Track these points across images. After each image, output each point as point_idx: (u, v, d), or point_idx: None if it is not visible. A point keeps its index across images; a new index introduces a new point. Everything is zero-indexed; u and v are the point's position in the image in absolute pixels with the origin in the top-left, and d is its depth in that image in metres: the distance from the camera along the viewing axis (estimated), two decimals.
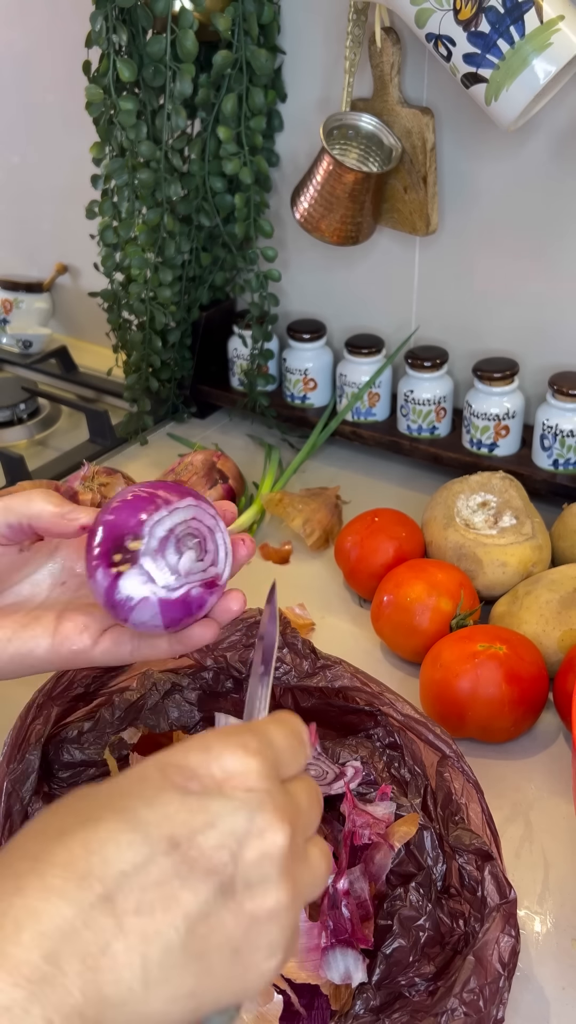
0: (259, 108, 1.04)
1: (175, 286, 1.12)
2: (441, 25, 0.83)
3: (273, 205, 1.15)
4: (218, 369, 1.22)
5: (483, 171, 1.00)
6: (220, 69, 1.01)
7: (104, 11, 0.95)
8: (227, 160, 1.05)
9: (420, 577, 0.85)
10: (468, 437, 1.05)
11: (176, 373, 1.20)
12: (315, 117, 1.06)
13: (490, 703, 0.74)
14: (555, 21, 0.79)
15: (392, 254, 1.10)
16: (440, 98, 0.98)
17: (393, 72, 0.97)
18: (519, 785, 0.75)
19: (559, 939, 0.64)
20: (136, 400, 1.18)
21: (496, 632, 0.79)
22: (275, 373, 1.20)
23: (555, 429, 0.99)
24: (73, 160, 1.25)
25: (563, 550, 0.92)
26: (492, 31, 0.80)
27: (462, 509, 0.92)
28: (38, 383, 1.34)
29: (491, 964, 0.53)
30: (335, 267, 1.15)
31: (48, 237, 1.43)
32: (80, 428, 1.24)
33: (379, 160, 1.01)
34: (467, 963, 0.53)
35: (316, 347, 1.14)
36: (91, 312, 1.31)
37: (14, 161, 1.40)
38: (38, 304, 1.43)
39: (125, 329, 1.16)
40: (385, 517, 0.93)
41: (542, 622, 0.81)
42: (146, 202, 1.05)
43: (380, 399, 1.11)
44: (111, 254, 1.09)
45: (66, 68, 1.20)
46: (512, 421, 1.02)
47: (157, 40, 0.96)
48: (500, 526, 0.90)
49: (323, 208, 1.00)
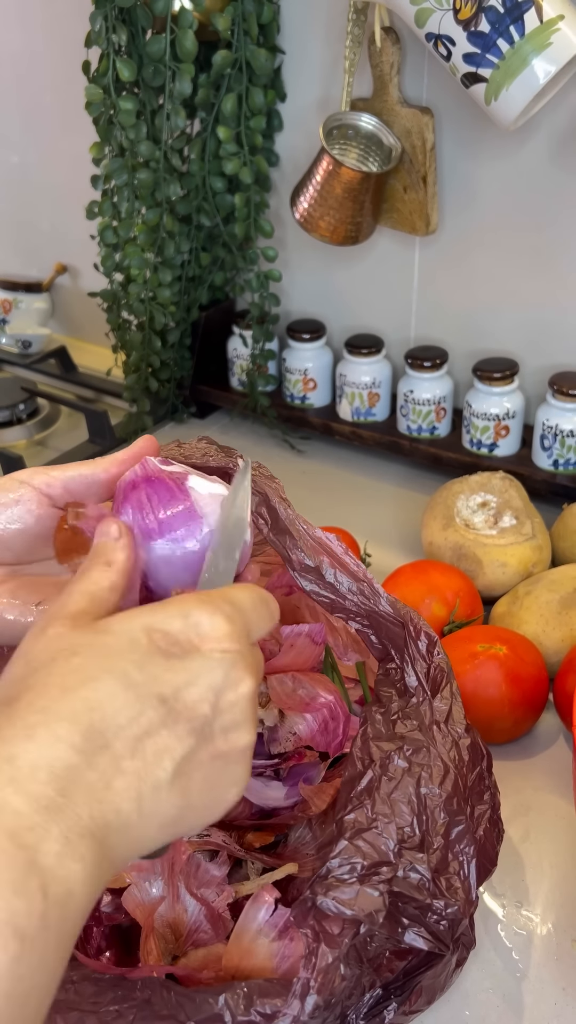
0: (259, 108, 1.04)
1: (175, 286, 1.12)
2: (441, 25, 0.83)
3: (273, 205, 1.15)
4: (218, 369, 1.22)
5: (483, 171, 0.99)
6: (220, 69, 1.01)
7: (104, 11, 0.95)
8: (227, 160, 1.05)
9: (419, 579, 0.84)
10: (468, 437, 1.05)
11: (176, 373, 1.20)
12: (315, 117, 1.06)
13: (490, 704, 0.74)
14: (555, 21, 0.79)
15: (392, 254, 1.10)
16: (440, 98, 0.98)
17: (393, 72, 0.97)
18: (519, 785, 0.75)
19: (559, 939, 0.64)
20: (136, 400, 1.18)
21: (496, 632, 0.79)
22: (275, 373, 1.20)
23: (555, 429, 0.99)
24: (72, 160, 1.25)
25: (563, 550, 0.92)
26: (492, 31, 0.80)
27: (462, 509, 0.92)
28: (37, 383, 1.34)
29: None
30: (335, 267, 1.15)
31: (47, 237, 1.43)
32: (79, 428, 1.24)
33: (379, 160, 1.01)
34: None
35: (316, 347, 1.14)
36: (90, 312, 1.31)
37: (13, 161, 1.39)
38: (37, 304, 1.43)
39: (125, 329, 1.16)
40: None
41: (542, 622, 0.81)
42: (146, 202, 1.05)
43: (380, 399, 1.11)
44: (111, 254, 1.09)
45: (65, 68, 1.20)
46: (512, 421, 1.02)
47: (157, 40, 0.96)
48: (500, 526, 0.90)
49: (323, 208, 1.00)
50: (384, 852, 0.51)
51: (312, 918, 0.49)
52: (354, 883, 0.49)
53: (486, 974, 0.62)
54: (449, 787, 0.54)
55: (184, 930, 0.58)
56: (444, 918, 0.52)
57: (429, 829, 0.52)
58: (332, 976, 0.49)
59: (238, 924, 0.55)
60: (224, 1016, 0.48)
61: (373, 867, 0.50)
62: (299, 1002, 0.48)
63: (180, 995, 0.49)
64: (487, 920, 0.65)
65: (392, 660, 0.59)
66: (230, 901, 0.58)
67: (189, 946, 0.57)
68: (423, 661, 0.58)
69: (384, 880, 0.50)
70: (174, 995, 0.49)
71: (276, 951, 0.53)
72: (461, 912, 0.52)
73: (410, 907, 0.51)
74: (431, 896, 0.51)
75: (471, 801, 0.56)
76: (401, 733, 0.55)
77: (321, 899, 0.49)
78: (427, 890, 0.51)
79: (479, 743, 0.58)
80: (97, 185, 1.07)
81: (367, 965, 0.52)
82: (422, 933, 0.52)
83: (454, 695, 0.58)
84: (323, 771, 0.65)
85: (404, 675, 0.58)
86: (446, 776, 0.54)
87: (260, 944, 0.54)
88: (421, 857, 0.51)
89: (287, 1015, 0.48)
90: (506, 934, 0.64)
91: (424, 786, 0.53)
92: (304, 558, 0.58)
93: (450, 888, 0.52)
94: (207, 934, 0.57)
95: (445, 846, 0.53)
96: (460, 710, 0.57)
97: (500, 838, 0.58)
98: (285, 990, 0.48)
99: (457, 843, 0.53)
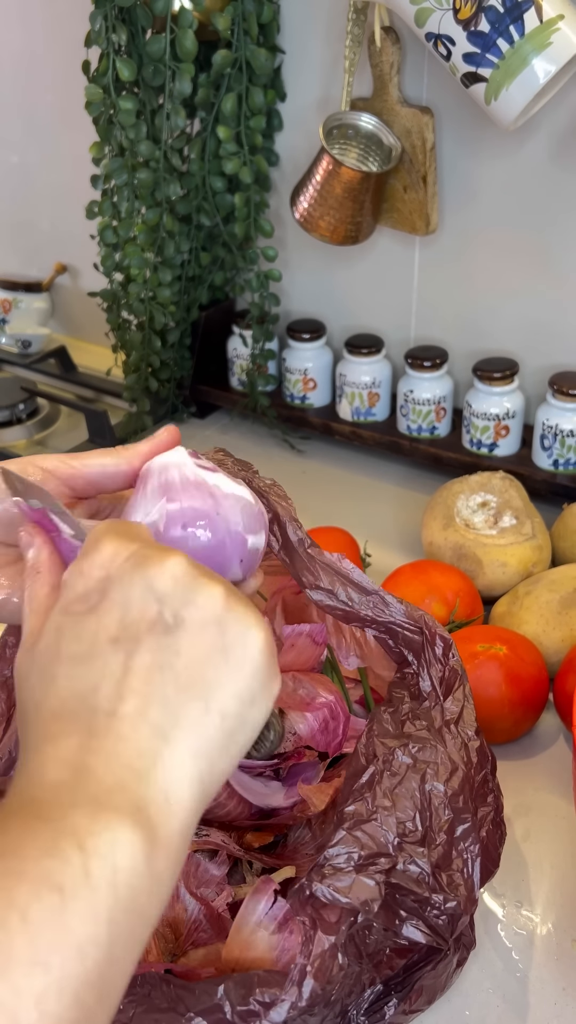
0: (259, 107, 1.04)
1: (174, 286, 1.12)
2: (441, 24, 0.83)
3: (273, 205, 1.15)
4: (218, 369, 1.22)
5: (483, 171, 0.99)
6: (220, 69, 1.01)
7: (103, 11, 0.95)
8: (227, 160, 1.05)
9: (419, 579, 0.84)
10: (468, 437, 1.05)
11: (176, 373, 1.20)
12: (315, 117, 1.06)
13: (490, 704, 0.74)
14: (555, 20, 0.79)
15: (392, 254, 1.10)
16: (440, 98, 0.98)
17: (393, 72, 0.97)
18: (519, 786, 0.74)
19: (559, 939, 0.64)
20: (135, 400, 1.18)
21: (496, 632, 0.79)
22: (275, 373, 1.20)
23: (555, 429, 0.99)
24: (72, 160, 1.25)
25: (563, 550, 0.92)
26: (492, 30, 0.80)
27: (462, 509, 0.92)
28: (37, 383, 1.34)
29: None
30: (335, 267, 1.15)
31: (47, 237, 1.43)
32: (79, 428, 1.24)
33: (379, 160, 1.01)
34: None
35: (316, 347, 1.14)
36: (90, 312, 1.31)
37: (13, 161, 1.39)
38: (37, 304, 1.43)
39: (124, 329, 1.16)
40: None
41: (542, 622, 0.81)
42: (146, 202, 1.05)
43: (380, 399, 1.11)
44: (111, 254, 1.09)
45: (65, 68, 1.20)
46: (512, 421, 1.02)
47: (156, 40, 0.96)
48: (500, 526, 0.90)
49: (323, 208, 1.00)
50: (383, 844, 0.51)
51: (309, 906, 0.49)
52: (350, 872, 0.49)
53: (486, 974, 0.62)
54: (456, 785, 0.54)
55: (184, 929, 0.58)
56: (443, 913, 0.52)
57: (432, 825, 0.52)
58: (329, 963, 0.49)
59: (238, 916, 0.55)
60: (223, 1006, 0.48)
61: (371, 858, 0.50)
62: (296, 988, 0.48)
63: (179, 987, 0.49)
64: (487, 920, 0.65)
65: (409, 665, 0.59)
66: (229, 901, 0.58)
67: (189, 946, 0.57)
68: (439, 664, 0.58)
69: (381, 871, 0.50)
70: (173, 988, 0.49)
71: (276, 943, 0.53)
72: (461, 909, 0.52)
73: (408, 900, 0.51)
74: (430, 890, 0.51)
75: (476, 802, 0.56)
76: (409, 732, 0.55)
77: (317, 886, 0.49)
78: (427, 884, 0.51)
79: (486, 746, 0.58)
80: (97, 185, 1.07)
81: (367, 961, 0.52)
82: (420, 926, 0.52)
83: (466, 697, 0.58)
84: (322, 771, 0.65)
85: (419, 680, 0.58)
86: (453, 774, 0.54)
87: (260, 936, 0.54)
88: (421, 851, 0.51)
89: (285, 1001, 0.48)
90: (506, 934, 0.64)
91: (429, 783, 0.53)
92: (314, 580, 0.58)
93: (451, 884, 0.52)
94: (207, 933, 0.57)
95: (449, 842, 0.53)
96: (472, 712, 0.57)
97: (503, 840, 0.58)
98: (283, 979, 0.48)
99: (462, 841, 0.53)
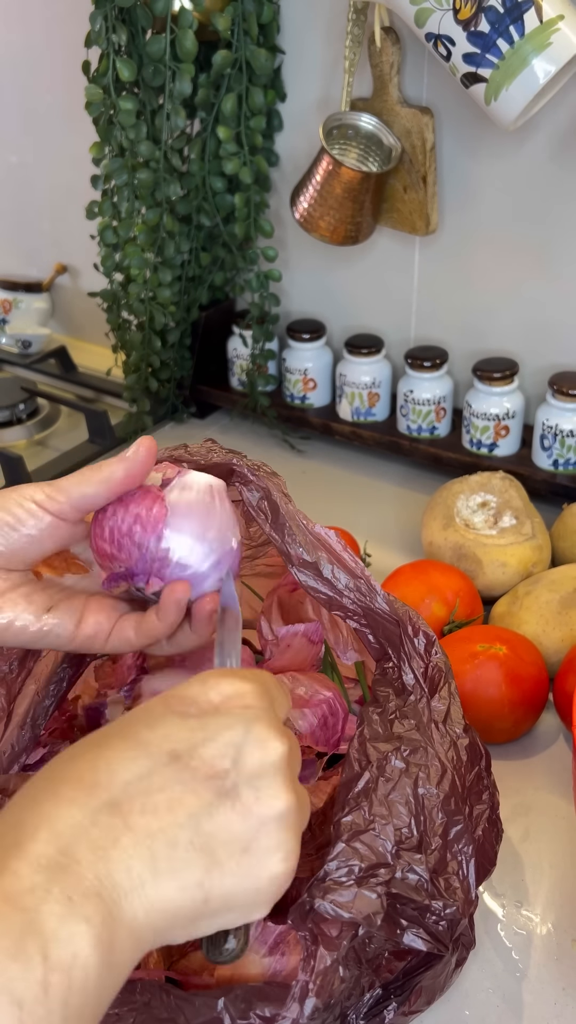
0: (259, 108, 1.04)
1: (174, 286, 1.12)
2: (441, 25, 0.83)
3: (273, 205, 1.15)
4: (218, 369, 1.22)
5: (483, 171, 0.99)
6: (220, 69, 1.01)
7: (104, 11, 0.95)
8: (227, 160, 1.05)
9: (419, 579, 0.84)
10: (468, 437, 1.05)
11: (176, 373, 1.20)
12: (315, 117, 1.06)
13: (490, 704, 0.74)
14: (555, 21, 0.79)
15: (392, 254, 1.10)
16: (440, 98, 0.98)
17: (393, 72, 0.97)
18: (519, 785, 0.74)
19: (559, 939, 0.64)
20: (135, 400, 1.18)
21: (496, 632, 0.79)
22: (275, 373, 1.20)
23: (555, 429, 0.99)
24: (73, 160, 1.25)
25: (563, 550, 0.92)
26: (492, 31, 0.80)
27: (462, 509, 0.92)
28: (37, 383, 1.34)
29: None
30: (335, 267, 1.15)
31: (47, 237, 1.43)
32: (79, 428, 1.24)
33: (379, 160, 1.01)
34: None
35: (316, 347, 1.14)
36: (90, 312, 1.31)
37: (13, 161, 1.39)
38: (37, 304, 1.43)
39: (124, 329, 1.16)
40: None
41: (542, 622, 0.81)
42: (146, 202, 1.05)
43: (380, 399, 1.11)
44: (111, 254, 1.09)
45: (66, 68, 1.20)
46: (512, 421, 1.02)
47: (157, 40, 0.96)
48: (500, 526, 0.90)
49: (323, 208, 1.00)
50: (382, 854, 0.51)
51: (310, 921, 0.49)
52: (351, 886, 0.49)
53: (486, 974, 0.62)
54: (447, 787, 0.53)
55: None
56: (443, 918, 0.52)
57: (427, 830, 0.52)
58: (331, 978, 0.49)
59: None
60: (223, 1020, 0.48)
61: (371, 869, 0.50)
62: (298, 1005, 0.48)
63: (179, 998, 0.49)
64: (487, 920, 0.65)
65: (389, 659, 0.59)
66: None
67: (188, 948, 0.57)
68: (420, 660, 0.58)
69: (382, 882, 0.50)
70: (173, 998, 0.49)
71: (268, 966, 0.53)
72: (460, 912, 0.52)
73: (408, 908, 0.51)
74: (429, 897, 0.51)
75: (470, 801, 0.56)
76: (399, 733, 0.55)
77: (319, 902, 0.49)
78: (425, 891, 0.51)
79: (477, 743, 0.58)
80: (97, 185, 1.07)
81: (366, 966, 0.52)
82: (421, 934, 0.52)
83: (452, 695, 0.58)
84: (319, 770, 0.65)
85: (401, 673, 0.58)
86: (443, 776, 0.54)
87: (251, 960, 0.54)
88: (419, 858, 0.51)
89: (286, 1018, 0.48)
90: (506, 934, 0.64)
91: (422, 786, 0.53)
92: (302, 553, 0.58)
93: (449, 888, 0.52)
94: None
95: (443, 846, 0.53)
96: (459, 710, 0.57)
97: (499, 838, 0.58)
98: (284, 993, 0.48)
99: (455, 843, 0.53)
